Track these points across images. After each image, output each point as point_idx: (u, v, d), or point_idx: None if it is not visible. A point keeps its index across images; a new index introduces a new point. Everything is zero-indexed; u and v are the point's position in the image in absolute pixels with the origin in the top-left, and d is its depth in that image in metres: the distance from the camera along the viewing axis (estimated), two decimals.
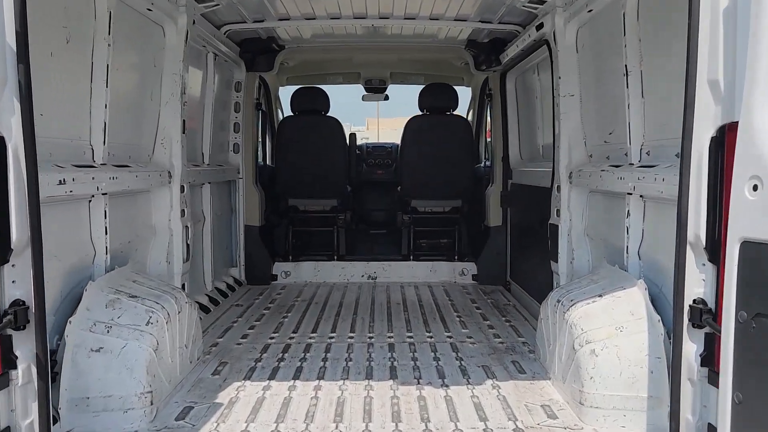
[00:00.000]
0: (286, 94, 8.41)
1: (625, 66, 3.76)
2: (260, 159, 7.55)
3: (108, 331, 3.28)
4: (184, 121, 4.83)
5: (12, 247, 2.34)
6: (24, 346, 2.40)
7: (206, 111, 5.94)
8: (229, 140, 6.90)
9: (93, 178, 3.50)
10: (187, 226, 4.90)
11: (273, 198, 7.52)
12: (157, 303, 3.60)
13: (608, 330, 3.35)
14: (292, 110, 7.33)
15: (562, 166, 4.81)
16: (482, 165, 7.97)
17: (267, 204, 7.40)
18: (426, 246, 7.61)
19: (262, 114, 7.54)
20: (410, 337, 4.98)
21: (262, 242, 7.16)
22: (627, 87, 3.76)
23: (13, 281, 2.38)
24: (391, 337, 4.99)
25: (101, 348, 3.23)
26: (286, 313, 5.75)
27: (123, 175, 3.90)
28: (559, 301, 3.86)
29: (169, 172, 4.66)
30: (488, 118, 7.59)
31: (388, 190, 8.69)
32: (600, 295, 3.58)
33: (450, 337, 4.98)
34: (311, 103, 7.28)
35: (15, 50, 2.33)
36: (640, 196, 3.69)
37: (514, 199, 6.86)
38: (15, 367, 2.37)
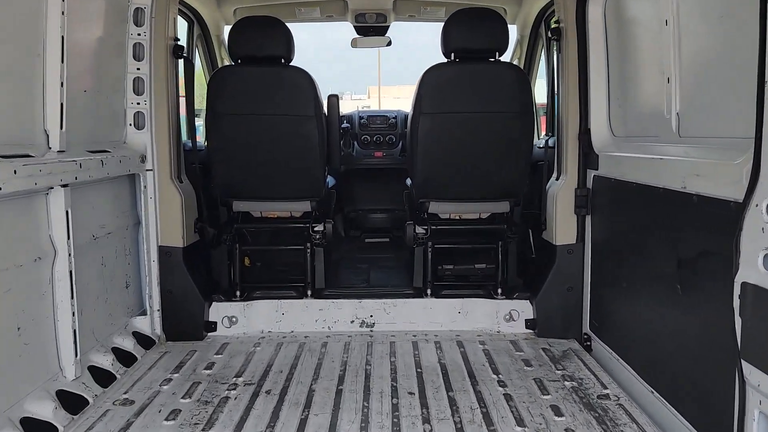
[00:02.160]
0: None
1: None
2: (186, 137, 4.76)
3: None
4: None
5: None
6: None
7: (49, 53, 3.17)
8: (125, 108, 4.14)
9: None
10: None
11: (210, 200, 4.79)
12: None
13: None
14: (232, 56, 4.48)
15: None
16: (542, 144, 5.10)
17: (200, 210, 4.67)
18: (452, 274, 4.85)
19: (189, 65, 4.72)
20: None
21: (190, 272, 4.44)
22: None
23: None
24: None
25: None
26: (204, 429, 3.08)
27: None
28: None
29: None
30: (551, 71, 4.74)
31: (391, 181, 5.94)
32: None
33: None
34: (262, 42, 4.37)
35: None
36: None
37: (601, 203, 4.13)
38: None
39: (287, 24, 4.55)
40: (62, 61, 3.22)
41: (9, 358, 2.88)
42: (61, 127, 3.25)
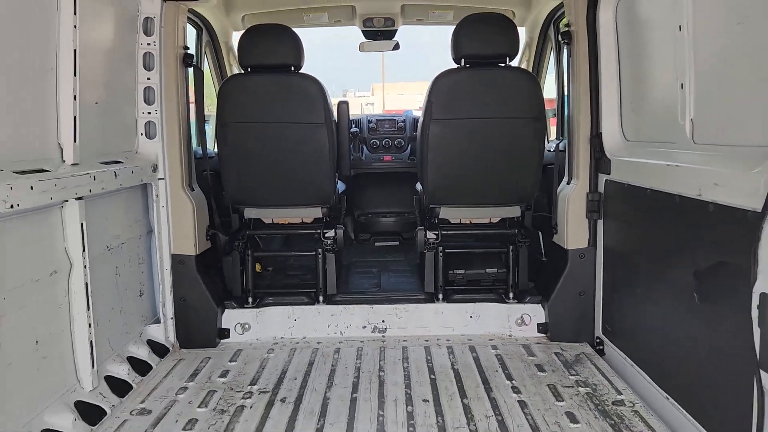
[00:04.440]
0: None
1: None
2: (197, 146, 4.77)
3: None
4: None
5: None
6: None
7: (62, 66, 3.17)
8: (136, 118, 4.15)
9: None
10: None
11: (221, 208, 4.80)
12: None
13: None
14: (242, 65, 4.48)
15: None
16: (552, 148, 5.09)
17: (211, 218, 4.68)
18: (464, 279, 4.85)
19: (198, 73, 4.73)
20: None
21: (203, 280, 4.46)
22: None
23: None
24: None
25: None
26: None
27: None
28: None
29: None
30: (560, 74, 4.72)
31: (400, 185, 5.95)
32: None
33: None
34: (271, 51, 4.37)
35: None
36: None
37: (614, 208, 4.12)
38: None
39: (295, 29, 4.55)
40: (74, 75, 3.23)
41: (28, 372, 2.90)
42: (75, 140, 3.26)
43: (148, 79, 4.15)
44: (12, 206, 2.62)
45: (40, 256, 3.04)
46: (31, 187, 2.78)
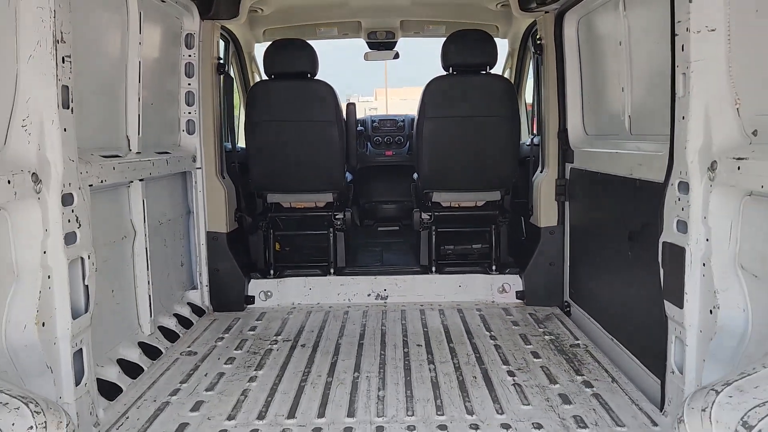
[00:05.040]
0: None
1: None
2: (227, 141, 5.61)
3: None
4: (66, 88, 2.92)
5: None
6: None
7: (130, 75, 4.02)
8: (179, 117, 4.99)
9: None
10: (82, 258, 3.05)
11: (247, 193, 5.64)
12: None
13: None
14: (266, 72, 5.34)
15: (691, 150, 2.88)
16: (526, 142, 5.94)
17: (239, 202, 5.52)
18: (453, 253, 5.68)
19: (229, 80, 5.58)
20: (443, 427, 3.12)
21: (233, 254, 5.29)
22: None
23: None
24: (413, 427, 3.13)
25: None
26: (255, 370, 3.91)
27: None
28: (745, 424, 1.96)
29: (33, 174, 2.78)
30: (534, 80, 5.56)
31: (400, 176, 6.77)
32: None
33: (506, 426, 3.12)
34: (292, 61, 5.25)
35: None
36: None
37: (576, 191, 4.94)
38: None
39: (309, 41, 5.41)
40: (139, 81, 4.07)
41: (107, 314, 3.72)
42: (138, 134, 4.10)
43: (189, 84, 4.98)
44: (102, 181, 3.45)
45: (115, 223, 3.88)
46: (114, 168, 3.62)
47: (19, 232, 2.79)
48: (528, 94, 6.31)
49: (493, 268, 5.48)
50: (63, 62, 2.89)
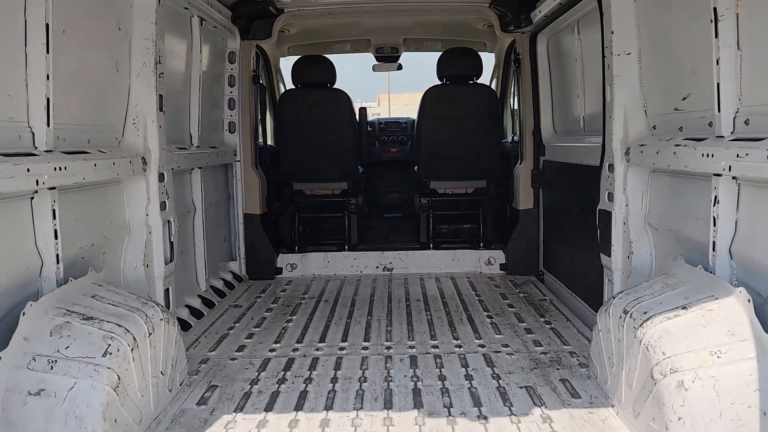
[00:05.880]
0: (288, 66, 7.53)
1: (714, 9, 2.89)
2: (260, 139, 6.73)
3: (52, 368, 2.55)
4: (161, 96, 4.04)
5: None
6: None
7: (193, 85, 5.14)
8: (223, 118, 6.10)
9: (28, 170, 2.73)
10: (169, 221, 4.16)
11: (276, 182, 6.75)
12: (119, 326, 2.86)
13: (701, 355, 2.56)
14: (294, 83, 6.49)
15: (615, 140, 3.97)
16: (509, 140, 7.08)
17: (269, 189, 6.63)
18: (447, 232, 6.80)
19: (261, 88, 6.71)
20: (435, 347, 4.21)
21: (265, 232, 6.40)
22: (716, 36, 2.89)
23: None
24: (413, 347, 4.22)
25: (42, 390, 2.50)
26: (290, 316, 5.01)
27: (76, 164, 3.13)
28: (626, 313, 3.06)
29: (143, 158, 3.89)
30: (515, 87, 6.68)
31: (403, 170, 7.88)
32: (684, 307, 2.78)
33: (482, 345, 4.21)
34: (315, 73, 6.42)
35: None
36: (733, 177, 2.86)
37: (547, 178, 6.03)
38: None
39: (326, 55, 6.54)
40: (199, 90, 5.19)
41: (179, 271, 4.81)
42: (198, 131, 5.21)
43: (231, 92, 6.10)
44: (178, 167, 4.56)
45: (182, 201, 4.98)
46: (185, 157, 4.74)
47: (131, 199, 3.91)
48: (512, 100, 7.42)
49: (481, 244, 6.57)
50: (159, 77, 4.01)
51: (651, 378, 2.69)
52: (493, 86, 7.79)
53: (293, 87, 6.61)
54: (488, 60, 7.73)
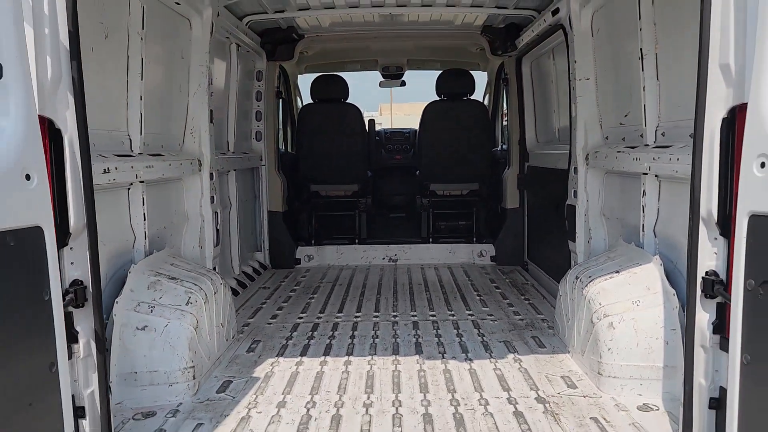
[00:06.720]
0: (304, 82, 8.58)
1: (641, 49, 3.86)
2: (281, 146, 7.71)
3: (151, 311, 3.50)
4: (211, 111, 5.01)
5: (70, 231, 2.53)
6: (83, 322, 2.59)
7: (230, 100, 6.12)
8: (251, 128, 7.08)
9: (132, 167, 3.70)
10: (216, 212, 5.12)
11: (295, 184, 7.72)
12: (195, 284, 3.81)
13: (625, 304, 3.51)
14: (312, 98, 7.49)
15: (578, 148, 4.93)
16: (499, 148, 8.09)
17: (289, 190, 7.59)
18: (445, 228, 7.77)
19: (283, 102, 7.71)
20: (433, 315, 5.16)
21: (286, 227, 7.37)
22: (642, 70, 3.87)
23: (71, 263, 2.57)
24: (415, 315, 5.17)
25: (146, 326, 3.45)
26: (312, 295, 5.96)
27: (158, 163, 4.10)
28: (577, 278, 4.01)
29: (198, 161, 4.86)
30: (504, 103, 7.68)
31: (406, 175, 8.85)
32: (617, 272, 3.74)
33: (471, 315, 5.16)
34: (331, 90, 7.44)
35: (68, 48, 2.49)
36: (656, 175, 3.82)
37: (530, 181, 6.99)
38: (76, 341, 2.56)
39: (338, 73, 7.54)
40: (235, 105, 6.17)
41: (217, 256, 5.77)
42: (234, 139, 6.19)
43: (258, 106, 7.09)
44: (220, 169, 5.52)
45: (222, 198, 5.94)
46: (225, 160, 5.71)
47: (189, 193, 4.87)
48: (502, 114, 8.41)
49: (474, 238, 7.54)
50: (210, 96, 4.99)
51: (591, 323, 3.64)
52: (486, 102, 8.79)
53: (311, 101, 7.60)
54: (481, 78, 8.77)
